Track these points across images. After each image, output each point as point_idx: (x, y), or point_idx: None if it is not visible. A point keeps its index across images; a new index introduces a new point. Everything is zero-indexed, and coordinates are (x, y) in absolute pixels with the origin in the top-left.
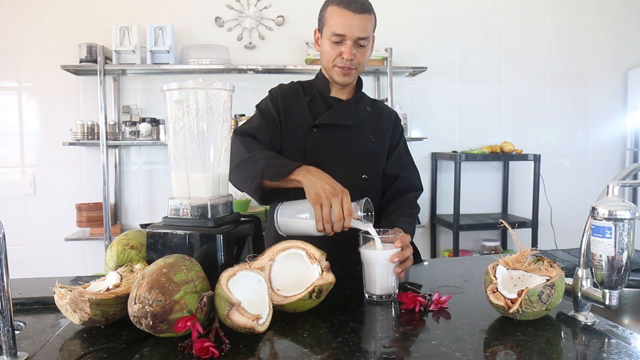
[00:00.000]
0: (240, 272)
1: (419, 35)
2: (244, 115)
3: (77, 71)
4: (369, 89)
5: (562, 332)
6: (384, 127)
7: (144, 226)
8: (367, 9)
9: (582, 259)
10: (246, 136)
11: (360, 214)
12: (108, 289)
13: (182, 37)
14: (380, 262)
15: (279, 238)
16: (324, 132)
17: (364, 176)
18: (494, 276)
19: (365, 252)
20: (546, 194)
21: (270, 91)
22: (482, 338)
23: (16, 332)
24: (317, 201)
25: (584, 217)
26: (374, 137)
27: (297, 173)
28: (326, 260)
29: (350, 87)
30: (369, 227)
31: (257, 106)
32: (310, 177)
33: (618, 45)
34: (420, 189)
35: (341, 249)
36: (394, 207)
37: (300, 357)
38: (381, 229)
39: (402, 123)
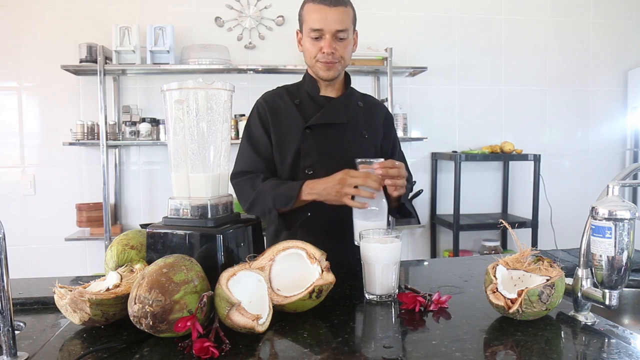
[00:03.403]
0: (240, 272)
1: (419, 35)
2: (243, 115)
3: (77, 71)
4: (369, 89)
5: (562, 332)
6: (376, 122)
7: (144, 226)
8: (342, 2)
9: (582, 259)
10: (243, 175)
11: (369, 161)
12: (108, 289)
13: (182, 37)
14: (381, 262)
15: (279, 238)
16: (318, 132)
17: None
18: (494, 276)
19: (366, 251)
20: (546, 194)
21: (255, 104)
22: (482, 338)
23: (16, 332)
24: (340, 197)
25: (584, 217)
26: (367, 133)
27: (304, 194)
28: (326, 260)
29: (339, 84)
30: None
31: (245, 130)
32: (317, 192)
33: (618, 45)
34: (412, 183)
35: (341, 249)
36: None
37: (300, 357)
38: (364, 159)
39: (402, 123)
